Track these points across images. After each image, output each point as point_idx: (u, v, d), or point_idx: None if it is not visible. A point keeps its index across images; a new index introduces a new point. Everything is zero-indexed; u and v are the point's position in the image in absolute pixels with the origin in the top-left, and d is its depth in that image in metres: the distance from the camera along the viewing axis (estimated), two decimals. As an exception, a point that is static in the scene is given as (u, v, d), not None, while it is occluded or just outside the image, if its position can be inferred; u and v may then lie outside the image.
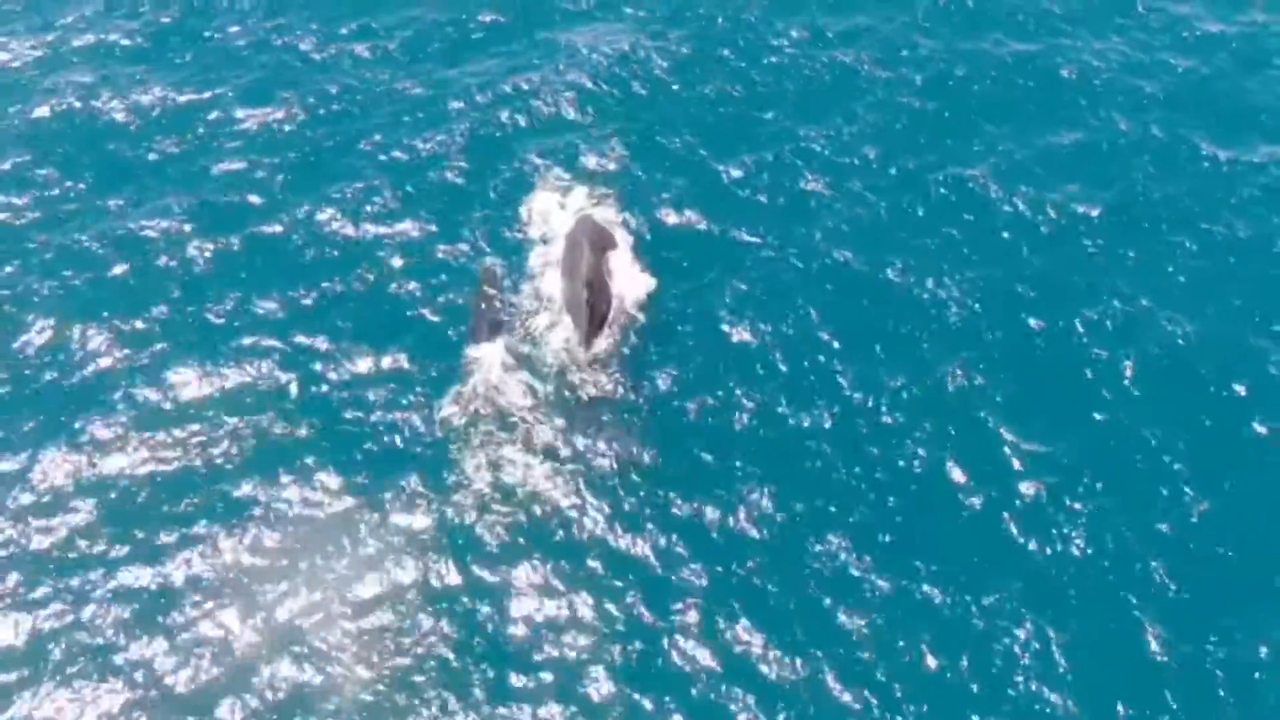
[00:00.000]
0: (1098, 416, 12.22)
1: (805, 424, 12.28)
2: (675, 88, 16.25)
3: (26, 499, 12.21)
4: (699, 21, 17.29)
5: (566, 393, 12.79)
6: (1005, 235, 13.98)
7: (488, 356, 13.06)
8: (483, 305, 13.56)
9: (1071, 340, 12.89)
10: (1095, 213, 14.10)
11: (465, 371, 12.96)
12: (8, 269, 14.46)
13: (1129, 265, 13.59)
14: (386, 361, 13.11)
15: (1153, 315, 13.03)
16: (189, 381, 13.10)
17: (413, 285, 13.88)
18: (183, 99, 16.57)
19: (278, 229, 14.64)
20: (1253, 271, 13.45)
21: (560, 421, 12.54)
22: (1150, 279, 13.42)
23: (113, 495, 12.16)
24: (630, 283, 13.70)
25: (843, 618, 10.90)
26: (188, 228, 14.75)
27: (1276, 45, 16.05)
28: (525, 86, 16.39)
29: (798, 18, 17.11)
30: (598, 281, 13.23)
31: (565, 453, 12.27)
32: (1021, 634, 10.72)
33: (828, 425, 12.25)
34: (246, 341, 13.40)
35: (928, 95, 15.81)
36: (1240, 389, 12.32)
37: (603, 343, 13.15)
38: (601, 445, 12.32)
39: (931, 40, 16.64)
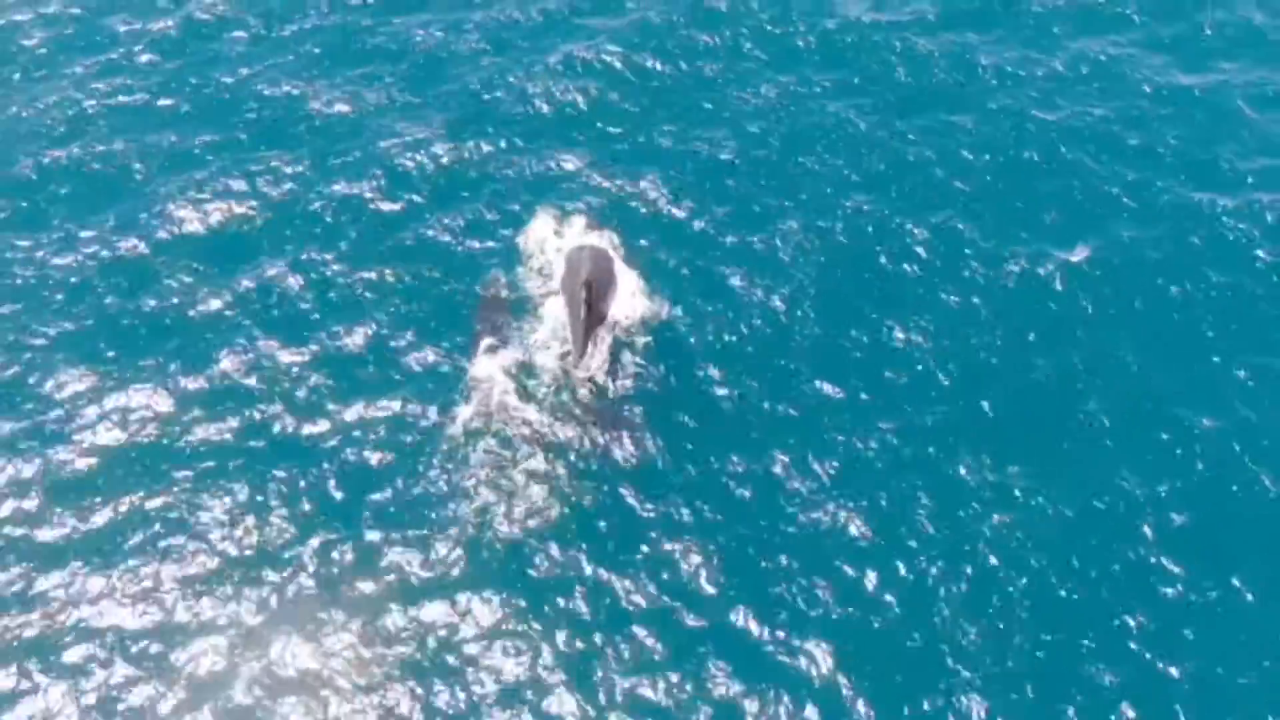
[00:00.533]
0: (1071, 454, 12.72)
1: (793, 458, 12.71)
2: (671, 128, 16.84)
3: (13, 530, 12.45)
4: (695, 63, 17.93)
5: (565, 416, 13.19)
6: (986, 280, 14.52)
7: (488, 380, 13.41)
8: (484, 331, 13.93)
9: (1045, 383, 13.39)
10: (1072, 258, 14.63)
11: (464, 396, 13.34)
12: (13, 307, 14.83)
13: (1101, 309, 14.13)
14: (387, 393, 13.47)
15: (1124, 358, 13.56)
16: (187, 423, 13.34)
17: (411, 319, 14.29)
18: (191, 144, 17.01)
19: (277, 271, 15.01)
20: (1222, 314, 13.97)
21: (558, 444, 12.92)
22: (1122, 323, 13.95)
23: (101, 535, 12.38)
24: (627, 307, 14.06)
25: (825, 648, 11.25)
26: (194, 266, 15.14)
27: (1243, 94, 16.74)
28: (521, 123, 16.97)
29: (790, 65, 17.78)
30: (597, 285, 13.52)
31: (562, 476, 12.65)
32: (995, 659, 11.16)
33: (811, 461, 12.68)
34: (251, 381, 13.73)
35: (916, 143, 16.40)
36: (1208, 422, 12.84)
37: (600, 356, 13.51)
38: (598, 469, 12.70)
39: (918, 90, 17.28)
